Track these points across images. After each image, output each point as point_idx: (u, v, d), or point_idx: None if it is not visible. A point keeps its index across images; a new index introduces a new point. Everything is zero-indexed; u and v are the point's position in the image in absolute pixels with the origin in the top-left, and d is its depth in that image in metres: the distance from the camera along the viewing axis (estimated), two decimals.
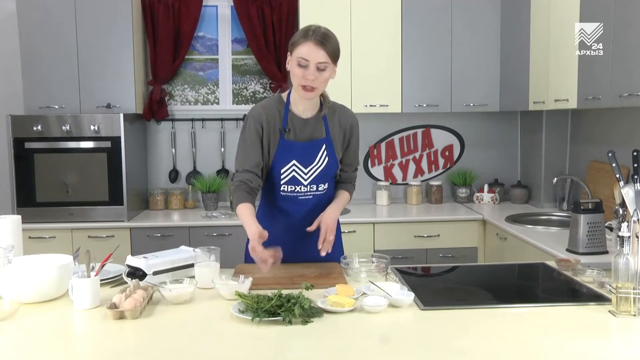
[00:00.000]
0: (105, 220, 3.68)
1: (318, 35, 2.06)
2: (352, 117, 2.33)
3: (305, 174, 2.22)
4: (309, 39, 2.06)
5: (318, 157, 2.23)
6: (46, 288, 1.87)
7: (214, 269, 2.04)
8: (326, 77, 2.10)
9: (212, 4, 4.25)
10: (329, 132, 2.25)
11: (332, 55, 2.08)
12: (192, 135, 4.26)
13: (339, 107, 2.32)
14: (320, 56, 2.06)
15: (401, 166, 4.40)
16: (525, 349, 1.51)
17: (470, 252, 3.77)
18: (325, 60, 2.07)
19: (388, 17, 3.93)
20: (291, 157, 2.20)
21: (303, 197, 2.25)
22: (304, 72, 2.07)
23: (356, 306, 1.78)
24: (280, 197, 2.26)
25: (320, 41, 2.05)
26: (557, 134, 3.94)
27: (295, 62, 2.09)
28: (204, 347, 1.54)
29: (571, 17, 3.09)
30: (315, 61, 2.06)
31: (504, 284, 2.28)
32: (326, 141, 2.24)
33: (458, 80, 4.02)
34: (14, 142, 3.62)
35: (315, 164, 2.23)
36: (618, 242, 1.74)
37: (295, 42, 2.10)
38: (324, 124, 2.25)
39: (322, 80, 2.10)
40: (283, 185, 2.23)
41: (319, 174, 2.24)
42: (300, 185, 2.23)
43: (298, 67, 2.08)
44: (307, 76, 2.07)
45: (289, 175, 2.22)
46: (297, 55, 2.08)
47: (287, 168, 2.21)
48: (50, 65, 3.75)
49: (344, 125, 2.30)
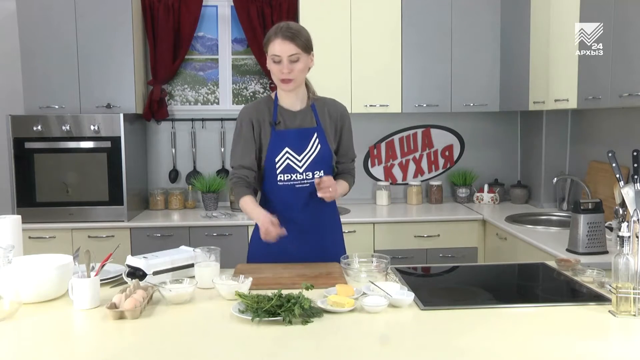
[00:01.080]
0: (105, 220, 3.68)
1: (284, 30, 2.19)
2: (342, 107, 2.43)
3: (299, 161, 2.29)
4: (277, 36, 2.19)
5: (310, 143, 2.30)
6: (46, 288, 1.87)
7: (214, 269, 2.04)
8: (300, 67, 2.22)
9: (212, 4, 4.25)
10: (319, 122, 2.34)
11: (301, 46, 2.20)
12: (192, 135, 4.26)
13: (328, 99, 2.42)
14: (289, 49, 2.18)
15: (401, 166, 4.40)
16: (525, 349, 1.51)
17: (470, 252, 3.77)
18: (296, 52, 2.19)
19: (388, 17, 3.93)
20: (283, 144, 2.28)
21: (300, 184, 2.30)
22: (279, 67, 2.21)
23: (356, 306, 1.78)
24: (278, 187, 2.31)
25: (288, 35, 2.18)
26: (557, 134, 3.93)
27: (270, 60, 2.22)
28: (204, 347, 1.54)
29: (571, 17, 3.09)
30: (286, 55, 2.18)
31: (504, 284, 2.28)
32: (317, 130, 2.32)
33: (458, 80, 4.02)
34: (14, 142, 3.62)
35: (308, 151, 2.29)
36: (618, 242, 1.74)
37: (267, 41, 2.24)
38: (313, 114, 2.34)
39: (297, 71, 2.21)
40: (279, 175, 2.29)
41: (313, 160, 2.29)
42: (295, 173, 2.29)
43: (273, 63, 2.22)
44: (282, 70, 2.20)
45: (284, 164, 2.28)
46: (270, 53, 2.22)
47: (280, 156, 2.28)
48: (50, 65, 3.75)
49: (334, 116, 2.38)
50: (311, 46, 2.26)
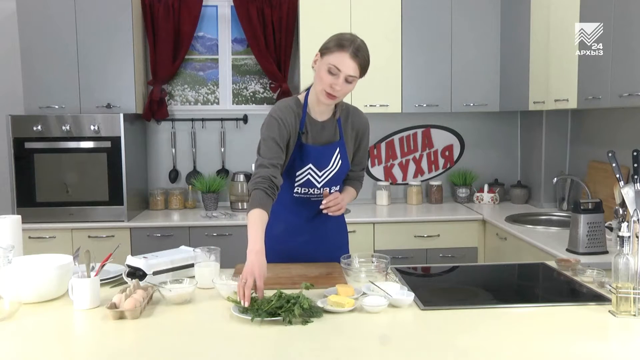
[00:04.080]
0: (105, 220, 3.68)
1: (356, 49, 2.05)
2: (365, 119, 2.34)
3: (319, 177, 2.23)
4: (346, 50, 2.03)
5: (332, 160, 2.23)
6: (46, 288, 1.87)
7: (214, 269, 2.04)
8: (351, 89, 2.11)
9: (212, 4, 4.25)
10: (342, 135, 2.26)
11: (362, 71, 2.09)
12: (192, 135, 4.26)
13: (352, 109, 2.32)
14: (353, 70, 2.05)
15: (401, 166, 4.40)
16: (525, 349, 1.51)
17: (470, 252, 3.77)
18: (355, 74, 2.06)
19: (388, 17, 3.93)
20: (308, 161, 2.20)
21: (315, 198, 2.27)
22: (332, 80, 2.05)
23: (356, 306, 1.78)
24: (293, 198, 2.26)
25: (358, 56, 2.05)
26: (557, 134, 3.94)
27: (326, 68, 2.06)
28: (204, 347, 1.54)
29: (571, 17, 3.09)
30: (346, 73, 2.04)
31: (504, 284, 2.28)
32: (339, 144, 2.25)
33: (458, 80, 4.02)
34: (14, 142, 3.62)
35: (330, 167, 2.24)
36: (618, 242, 1.74)
37: (331, 47, 2.06)
38: (338, 126, 2.26)
39: (347, 90, 2.10)
40: (297, 188, 2.24)
41: (332, 177, 2.25)
42: (313, 188, 2.24)
43: (328, 73, 2.06)
44: (335, 86, 2.06)
45: (304, 179, 2.23)
46: (329, 61, 2.05)
47: (303, 171, 2.21)
48: (50, 65, 3.75)
49: (357, 128, 2.30)
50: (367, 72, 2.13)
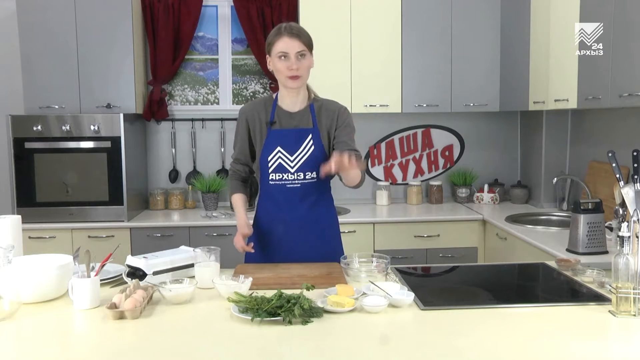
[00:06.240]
0: (105, 220, 3.68)
1: (289, 29, 2.23)
2: (338, 105, 2.41)
3: (291, 162, 2.30)
4: (283, 34, 2.22)
5: (304, 144, 2.30)
6: (46, 288, 1.87)
7: (214, 269, 2.04)
8: (307, 64, 2.25)
9: (212, 4, 4.25)
10: (315, 123, 2.33)
11: (307, 44, 2.24)
12: (192, 135, 4.26)
13: (326, 101, 2.41)
14: (297, 45, 2.21)
15: (401, 166, 4.40)
16: (525, 349, 1.51)
17: (470, 252, 3.77)
18: (303, 49, 2.22)
19: (388, 17, 3.93)
20: (276, 144, 2.30)
21: (290, 184, 2.31)
22: (286, 64, 2.21)
23: (356, 306, 1.78)
24: (270, 186, 2.33)
25: (293, 33, 2.22)
26: (557, 134, 3.93)
27: (277, 58, 2.23)
28: (204, 347, 1.54)
29: (571, 17, 3.09)
30: (294, 51, 2.21)
31: (504, 284, 2.28)
32: (312, 131, 2.32)
33: (458, 80, 4.02)
34: (14, 142, 3.62)
35: (301, 151, 2.30)
36: (618, 242, 1.74)
37: (271, 41, 2.25)
38: (311, 115, 2.33)
39: (304, 67, 2.24)
40: (271, 174, 2.31)
41: (305, 161, 2.30)
42: (287, 173, 2.30)
43: (280, 61, 2.22)
44: (291, 66, 2.21)
45: (276, 163, 2.30)
46: (276, 51, 2.23)
47: (273, 155, 2.30)
48: (50, 65, 3.75)
49: (331, 114, 2.36)
50: (313, 46, 2.29)
